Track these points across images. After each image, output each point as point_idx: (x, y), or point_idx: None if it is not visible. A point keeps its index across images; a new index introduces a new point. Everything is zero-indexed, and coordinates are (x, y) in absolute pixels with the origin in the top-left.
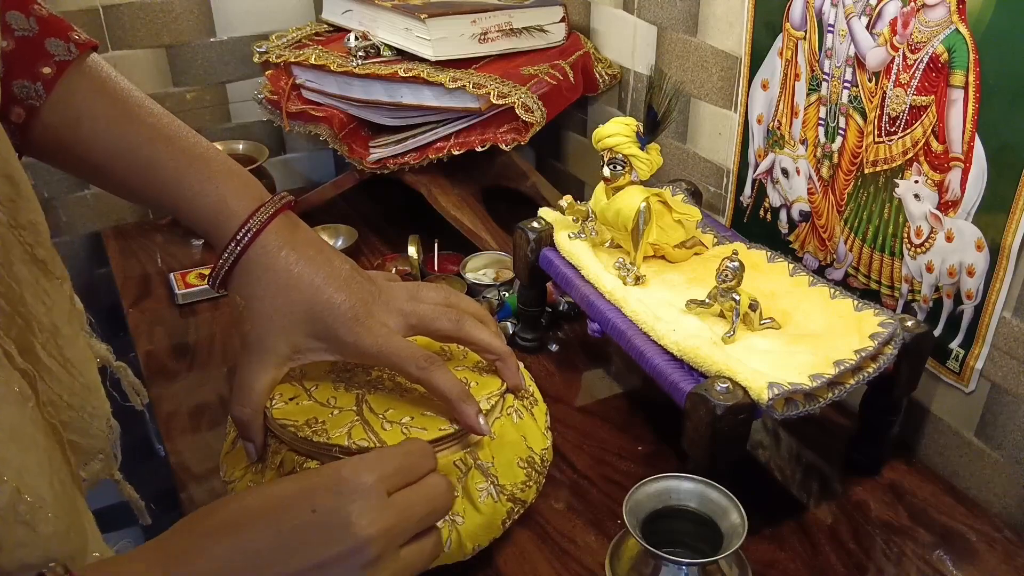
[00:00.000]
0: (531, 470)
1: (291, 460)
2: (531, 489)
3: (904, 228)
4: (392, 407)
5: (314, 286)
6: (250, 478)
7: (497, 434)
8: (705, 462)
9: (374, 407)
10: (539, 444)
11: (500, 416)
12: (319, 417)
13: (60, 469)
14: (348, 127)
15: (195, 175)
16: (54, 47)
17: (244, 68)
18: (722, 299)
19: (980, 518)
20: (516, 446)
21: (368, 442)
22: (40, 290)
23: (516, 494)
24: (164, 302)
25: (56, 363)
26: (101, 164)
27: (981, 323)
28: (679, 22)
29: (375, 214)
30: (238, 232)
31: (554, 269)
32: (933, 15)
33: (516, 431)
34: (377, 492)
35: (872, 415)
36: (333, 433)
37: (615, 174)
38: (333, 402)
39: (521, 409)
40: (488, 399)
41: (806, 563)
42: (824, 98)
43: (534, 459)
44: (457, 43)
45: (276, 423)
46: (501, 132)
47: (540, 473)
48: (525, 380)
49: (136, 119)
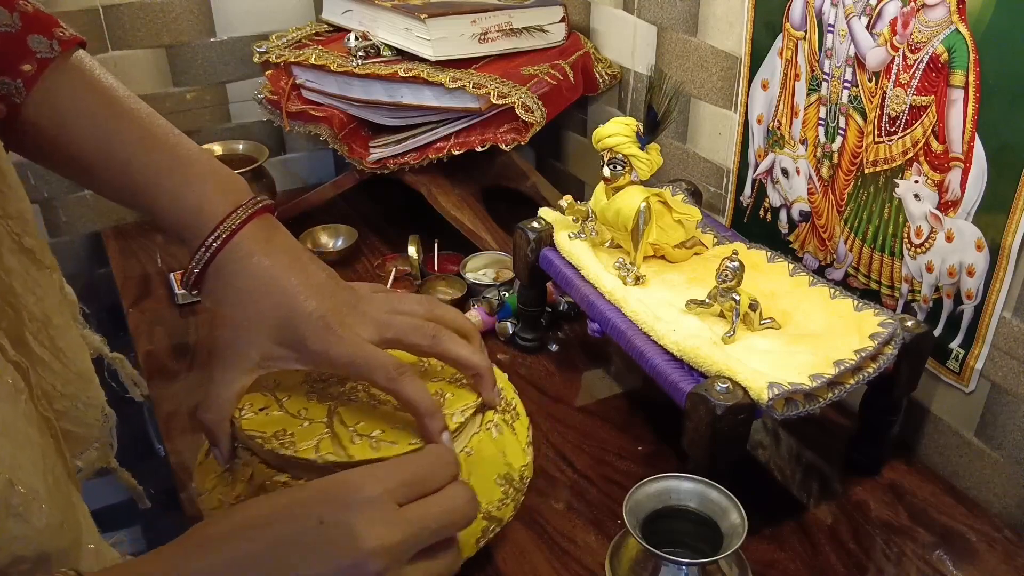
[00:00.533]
0: (509, 487)
1: (261, 472)
2: (508, 507)
3: (904, 228)
4: (364, 420)
5: (286, 293)
6: (220, 490)
7: (474, 450)
8: (705, 462)
9: (345, 420)
10: (519, 460)
11: (478, 431)
12: (288, 429)
13: (54, 464)
14: (348, 127)
15: (175, 178)
16: (36, 44)
17: (244, 68)
18: (722, 299)
19: (980, 518)
20: (493, 462)
21: (336, 456)
22: (30, 280)
23: (492, 512)
24: (164, 302)
25: (48, 353)
26: (86, 164)
27: (981, 323)
28: (679, 22)
29: (375, 214)
30: (209, 235)
31: (554, 269)
32: (933, 15)
33: (495, 447)
34: (386, 504)
35: (872, 415)
36: (301, 446)
37: (615, 174)
38: (304, 413)
39: (501, 424)
40: (463, 411)
41: (806, 563)
42: (824, 98)
43: (512, 476)
44: (457, 43)
45: (244, 434)
46: (501, 132)
47: (518, 491)
48: (507, 394)
49: (119, 119)
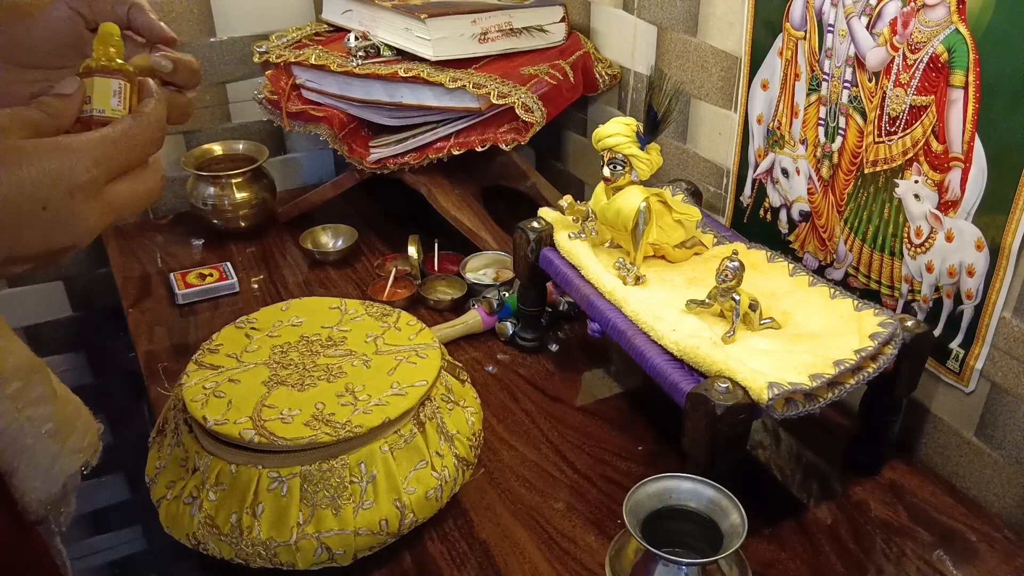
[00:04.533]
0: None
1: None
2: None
3: (904, 228)
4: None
5: None
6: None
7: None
8: (705, 462)
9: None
10: (464, 430)
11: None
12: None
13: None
14: (348, 127)
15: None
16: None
17: (244, 68)
18: (722, 299)
19: (980, 518)
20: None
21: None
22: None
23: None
24: (164, 302)
25: None
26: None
27: (981, 323)
28: (679, 22)
29: (375, 214)
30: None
31: (554, 269)
32: (933, 15)
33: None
34: (100, 189)
35: (872, 415)
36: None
37: (615, 174)
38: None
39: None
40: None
41: (806, 563)
42: (824, 98)
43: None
44: (457, 43)
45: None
46: (501, 132)
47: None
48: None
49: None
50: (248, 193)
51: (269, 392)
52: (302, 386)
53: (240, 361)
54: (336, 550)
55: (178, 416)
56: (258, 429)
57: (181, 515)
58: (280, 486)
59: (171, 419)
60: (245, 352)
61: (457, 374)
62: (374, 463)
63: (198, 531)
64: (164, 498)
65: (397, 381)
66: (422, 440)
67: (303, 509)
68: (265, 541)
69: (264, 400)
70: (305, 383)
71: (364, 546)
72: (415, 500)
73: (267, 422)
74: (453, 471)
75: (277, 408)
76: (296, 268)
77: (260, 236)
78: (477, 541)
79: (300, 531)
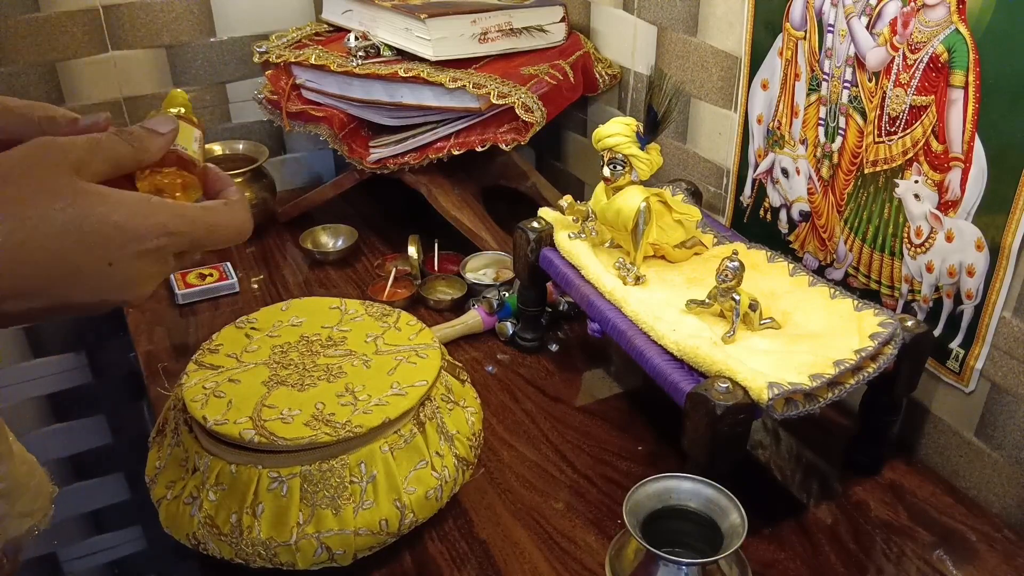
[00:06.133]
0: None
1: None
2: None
3: (904, 228)
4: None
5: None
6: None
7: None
8: (705, 462)
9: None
10: (465, 431)
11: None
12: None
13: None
14: (348, 127)
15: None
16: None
17: (244, 68)
18: (722, 299)
19: (980, 518)
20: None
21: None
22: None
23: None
24: (164, 302)
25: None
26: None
27: (981, 323)
28: (679, 22)
29: (375, 214)
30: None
31: (554, 269)
32: (933, 15)
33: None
34: (167, 258)
35: (872, 415)
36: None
37: (615, 174)
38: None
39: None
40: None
41: (806, 563)
42: (824, 98)
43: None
44: (457, 43)
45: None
46: (501, 132)
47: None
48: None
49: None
50: (248, 193)
51: (269, 392)
52: (302, 386)
53: (240, 361)
54: (336, 550)
55: (178, 416)
56: (258, 429)
57: (181, 515)
58: (280, 486)
59: (171, 419)
60: (245, 352)
61: (457, 374)
62: (374, 463)
63: (198, 531)
64: (164, 498)
65: (397, 381)
66: (422, 440)
67: (303, 509)
68: (265, 541)
69: (264, 400)
70: (305, 383)
71: (364, 546)
72: (415, 500)
73: (267, 422)
74: (453, 471)
75: (277, 408)
76: (296, 268)
77: (260, 236)
78: (477, 541)
79: (300, 531)
